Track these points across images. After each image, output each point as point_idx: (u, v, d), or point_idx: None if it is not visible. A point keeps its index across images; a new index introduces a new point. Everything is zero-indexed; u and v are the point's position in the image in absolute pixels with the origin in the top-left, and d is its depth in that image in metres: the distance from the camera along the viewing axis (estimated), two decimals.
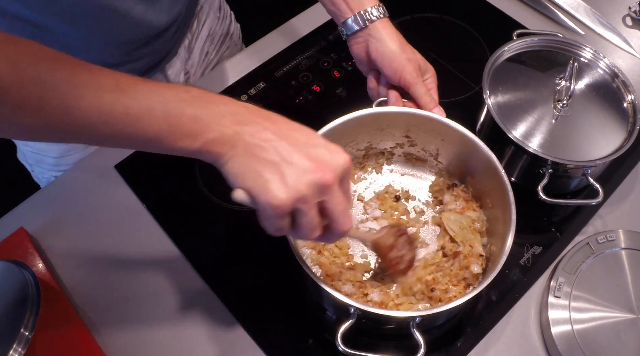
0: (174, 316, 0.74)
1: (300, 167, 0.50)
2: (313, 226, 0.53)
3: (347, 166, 0.53)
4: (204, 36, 1.02)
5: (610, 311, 0.70)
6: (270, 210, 0.50)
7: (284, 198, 0.49)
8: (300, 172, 0.50)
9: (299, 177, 0.50)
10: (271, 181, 0.49)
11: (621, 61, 0.99)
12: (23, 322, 0.64)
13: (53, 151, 0.91)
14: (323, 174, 0.50)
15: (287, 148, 0.51)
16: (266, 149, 0.50)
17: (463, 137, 0.73)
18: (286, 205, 0.50)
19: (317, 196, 0.51)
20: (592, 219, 0.81)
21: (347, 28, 0.78)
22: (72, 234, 0.80)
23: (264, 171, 0.50)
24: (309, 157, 0.51)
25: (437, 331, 0.71)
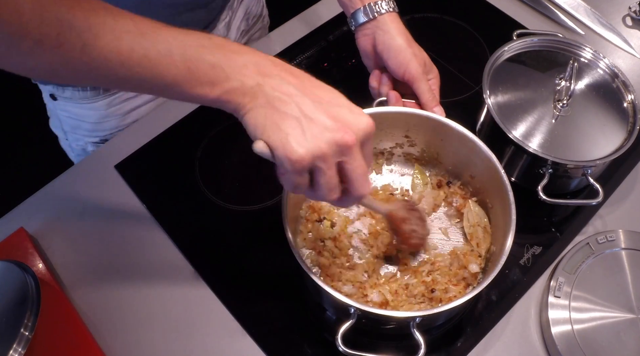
0: (174, 316, 0.74)
1: (321, 124, 0.50)
2: (331, 186, 0.52)
3: (369, 129, 0.52)
4: (241, 15, 1.03)
5: (610, 311, 0.70)
6: (289, 164, 0.49)
7: (303, 153, 0.49)
8: (321, 129, 0.49)
9: (320, 134, 0.49)
10: (291, 135, 0.49)
11: (621, 61, 0.99)
12: (23, 322, 0.64)
13: (91, 116, 0.92)
14: (344, 133, 0.50)
15: (309, 104, 0.50)
16: (288, 103, 0.50)
17: (463, 137, 0.73)
18: (305, 161, 0.49)
19: (336, 155, 0.50)
20: (592, 219, 0.81)
21: (355, 19, 0.78)
22: (72, 234, 0.80)
23: (285, 125, 0.49)
24: (331, 116, 0.50)
25: (437, 331, 0.71)
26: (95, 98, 0.90)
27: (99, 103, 0.91)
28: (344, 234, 0.75)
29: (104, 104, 0.91)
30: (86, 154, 0.99)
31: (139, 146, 0.88)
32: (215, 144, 0.88)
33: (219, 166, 0.86)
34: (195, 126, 0.90)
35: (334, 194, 0.53)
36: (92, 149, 0.97)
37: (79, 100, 0.91)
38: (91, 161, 0.89)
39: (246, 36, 1.09)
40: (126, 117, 0.93)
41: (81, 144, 0.98)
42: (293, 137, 0.49)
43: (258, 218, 0.81)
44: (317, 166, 0.50)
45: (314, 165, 0.50)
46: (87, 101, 0.91)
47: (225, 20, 0.98)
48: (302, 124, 0.49)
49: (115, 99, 0.91)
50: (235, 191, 0.84)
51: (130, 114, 0.93)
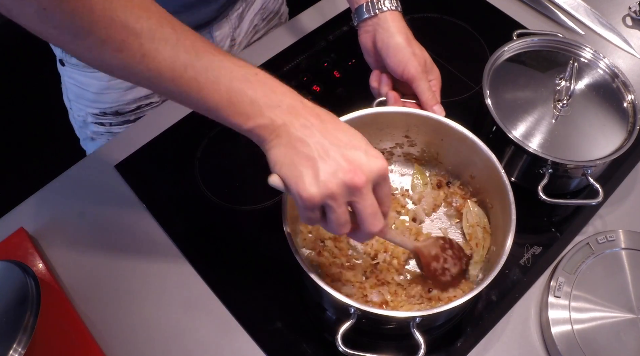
0: (174, 316, 0.74)
1: (334, 165, 0.53)
2: (341, 222, 0.55)
3: (382, 172, 0.55)
4: (256, 8, 1.04)
5: (610, 311, 0.70)
6: (301, 201, 0.53)
7: (314, 192, 0.52)
8: (334, 170, 0.53)
9: (331, 175, 0.53)
10: (305, 174, 0.53)
11: (621, 61, 0.99)
12: (23, 322, 0.64)
13: (93, 85, 0.94)
14: (354, 175, 0.53)
15: (326, 146, 0.54)
16: (307, 144, 0.53)
17: (463, 137, 0.73)
18: (315, 199, 0.53)
19: (346, 195, 0.54)
20: (592, 219, 0.81)
21: (358, 15, 0.79)
22: (72, 234, 0.80)
23: (300, 164, 0.53)
24: (345, 158, 0.54)
25: (437, 331, 0.71)
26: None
27: (102, 74, 0.91)
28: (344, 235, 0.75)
29: (107, 76, 0.92)
30: (86, 126, 1.01)
31: (139, 146, 0.88)
32: (215, 144, 0.88)
33: (219, 166, 0.86)
34: (195, 126, 0.90)
35: (344, 229, 0.56)
36: (92, 121, 0.99)
37: (83, 68, 0.92)
38: (91, 161, 0.89)
39: (261, 31, 1.09)
40: (127, 93, 0.95)
41: (82, 115, 0.99)
42: (306, 177, 0.53)
43: (258, 218, 0.81)
44: (327, 204, 0.54)
45: (325, 203, 0.54)
46: (91, 70, 0.92)
47: (238, 10, 0.99)
48: (316, 164, 0.53)
49: None
50: (235, 191, 0.84)
51: (131, 91, 0.95)
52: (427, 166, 0.82)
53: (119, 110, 0.97)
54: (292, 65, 0.97)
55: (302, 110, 0.55)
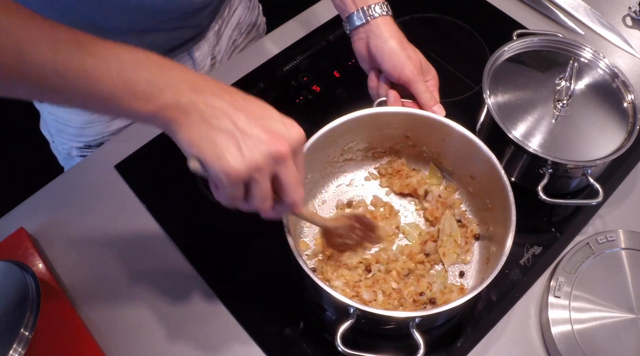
0: (174, 315, 0.74)
1: (255, 138, 0.51)
2: (265, 196, 0.54)
3: (301, 139, 0.55)
4: (234, 24, 1.03)
5: (610, 311, 0.70)
6: (226, 179, 0.51)
7: (239, 166, 0.50)
8: (256, 142, 0.51)
9: (255, 147, 0.51)
10: (226, 149, 0.50)
11: (621, 60, 0.99)
12: (23, 322, 0.64)
13: (75, 121, 0.92)
14: (278, 145, 0.52)
15: (242, 119, 0.52)
16: (221, 118, 0.51)
17: (463, 137, 0.73)
18: (241, 174, 0.51)
19: (271, 166, 0.52)
20: (592, 219, 0.81)
21: (350, 23, 0.79)
22: (72, 234, 0.80)
23: (220, 140, 0.50)
24: (265, 129, 0.52)
25: (437, 331, 0.71)
26: None
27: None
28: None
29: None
30: (71, 159, 0.99)
31: (139, 146, 0.88)
32: None
33: None
34: None
35: (266, 203, 0.55)
36: (77, 154, 0.97)
37: None
38: (91, 161, 0.89)
39: (241, 46, 1.09)
40: (111, 124, 0.93)
41: (66, 148, 0.98)
42: (229, 152, 0.50)
43: (258, 218, 0.81)
44: (253, 178, 0.52)
45: (250, 177, 0.52)
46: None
47: (214, 29, 0.98)
48: (236, 138, 0.51)
49: None
50: None
51: (114, 122, 0.93)
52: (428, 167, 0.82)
53: (104, 141, 0.94)
54: (292, 65, 0.97)
55: (206, 86, 0.53)
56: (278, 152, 0.52)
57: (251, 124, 0.52)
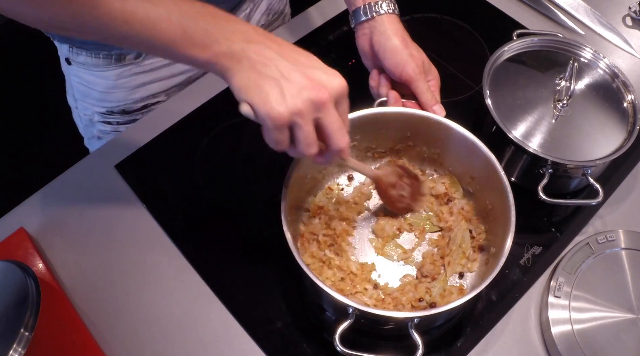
0: (173, 315, 0.74)
1: (298, 84, 0.55)
2: (310, 141, 0.57)
3: (342, 88, 0.58)
4: (263, 9, 1.05)
5: (610, 311, 0.70)
6: (270, 121, 0.54)
7: (282, 110, 0.54)
8: (298, 88, 0.54)
9: (297, 93, 0.54)
10: (271, 95, 0.54)
11: (621, 60, 0.99)
12: (23, 322, 0.64)
13: (100, 84, 0.95)
14: (318, 91, 0.55)
15: (287, 67, 0.55)
16: (268, 66, 0.55)
17: (462, 137, 0.73)
18: (283, 117, 0.54)
19: (312, 111, 0.55)
20: (592, 219, 0.81)
21: (355, 17, 0.80)
22: (72, 234, 0.80)
23: (265, 86, 0.54)
24: (307, 77, 0.55)
25: (437, 331, 0.71)
26: (106, 67, 0.92)
27: (109, 72, 0.92)
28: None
29: (114, 75, 0.92)
30: (92, 125, 1.01)
31: (139, 146, 0.88)
32: (215, 144, 0.88)
33: (219, 166, 0.86)
34: (195, 126, 0.90)
35: (312, 149, 0.58)
36: (99, 120, 0.99)
37: (90, 67, 0.92)
38: (91, 161, 0.89)
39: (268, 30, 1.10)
40: (134, 91, 0.95)
41: (89, 114, 1.00)
42: (273, 97, 0.54)
43: (258, 218, 0.81)
44: (295, 122, 0.55)
45: (293, 121, 0.55)
46: (98, 69, 0.92)
47: (245, 11, 1.00)
48: (280, 84, 0.54)
49: (125, 71, 0.92)
50: (236, 191, 0.84)
51: (138, 90, 0.95)
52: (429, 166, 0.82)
53: (126, 109, 0.97)
54: None
55: (257, 36, 0.57)
56: (318, 98, 0.55)
57: (295, 71, 0.55)
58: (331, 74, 0.57)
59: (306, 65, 0.57)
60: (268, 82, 0.54)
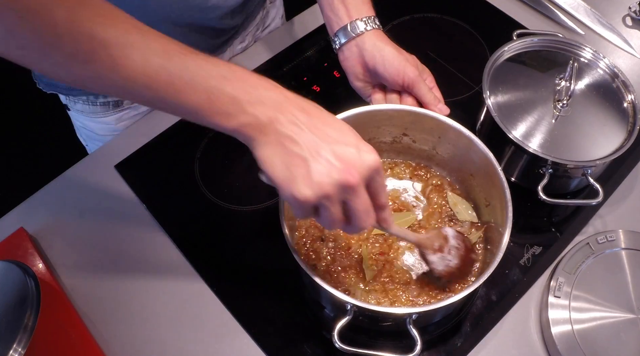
0: (174, 315, 0.74)
1: (327, 165, 0.51)
2: (334, 220, 0.55)
3: (375, 165, 0.54)
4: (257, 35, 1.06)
5: (610, 311, 0.70)
6: (294, 202, 0.53)
7: (308, 195, 0.51)
8: (327, 170, 0.51)
9: (325, 176, 0.51)
10: (297, 176, 0.51)
11: (621, 61, 0.99)
12: (23, 322, 0.64)
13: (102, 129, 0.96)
14: (348, 174, 0.52)
15: (317, 143, 0.52)
16: (297, 142, 0.52)
17: (460, 134, 0.73)
18: (309, 201, 0.52)
19: (340, 195, 0.53)
20: (592, 219, 0.81)
21: (340, 36, 0.77)
22: (72, 234, 0.81)
23: (292, 165, 0.52)
24: (337, 156, 0.52)
25: (437, 330, 0.71)
26: (104, 113, 0.92)
27: (108, 118, 0.92)
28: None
29: (114, 119, 0.93)
30: None
31: (139, 146, 0.88)
32: (215, 144, 0.88)
33: (219, 166, 0.86)
34: (195, 126, 0.89)
35: (337, 226, 0.56)
36: None
37: (89, 114, 0.92)
38: (91, 161, 0.89)
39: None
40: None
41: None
42: (299, 178, 0.51)
43: (257, 217, 0.81)
44: (321, 204, 0.53)
45: (319, 203, 0.53)
46: (97, 116, 0.92)
47: (243, 43, 1.00)
48: (308, 164, 0.51)
49: (124, 115, 0.93)
50: (235, 191, 0.84)
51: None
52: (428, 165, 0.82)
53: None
54: (292, 65, 0.97)
55: (287, 105, 0.54)
56: (347, 182, 0.52)
57: (324, 150, 0.52)
58: (364, 150, 0.54)
59: (337, 141, 0.53)
60: (294, 160, 0.51)
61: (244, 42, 1.01)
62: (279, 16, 1.10)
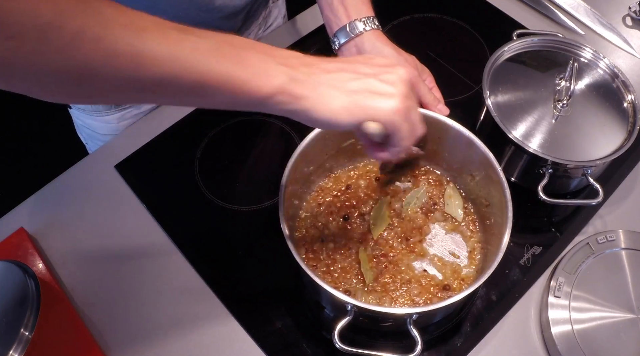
0: (174, 315, 0.74)
1: (385, 74, 0.52)
2: (420, 119, 0.55)
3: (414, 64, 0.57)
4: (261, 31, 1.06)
5: (610, 311, 0.70)
6: (398, 116, 0.51)
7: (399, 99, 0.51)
8: (388, 77, 0.52)
9: (391, 81, 0.51)
10: (380, 93, 0.51)
11: (621, 61, 0.99)
12: (23, 322, 0.64)
13: (103, 128, 0.95)
14: (404, 68, 0.53)
15: (363, 68, 0.52)
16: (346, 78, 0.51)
17: (460, 134, 0.73)
18: (400, 108, 0.51)
19: (411, 88, 0.53)
20: (592, 219, 0.81)
21: (340, 36, 0.77)
22: (72, 234, 0.81)
23: (365, 91, 0.50)
24: (383, 65, 0.53)
25: (437, 330, 0.71)
26: (106, 111, 0.92)
27: (110, 117, 0.92)
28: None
29: (115, 118, 0.92)
30: None
31: (139, 146, 0.88)
32: (215, 144, 0.88)
33: (219, 166, 0.86)
34: (195, 126, 0.90)
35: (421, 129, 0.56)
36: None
37: (91, 112, 0.92)
38: (91, 161, 0.89)
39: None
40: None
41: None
42: (384, 94, 0.51)
43: (257, 218, 0.81)
44: (409, 105, 0.53)
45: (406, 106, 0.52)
46: (99, 114, 0.92)
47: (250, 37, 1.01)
48: (373, 82, 0.51)
49: (126, 114, 0.92)
50: (235, 191, 0.84)
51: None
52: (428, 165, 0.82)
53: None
54: None
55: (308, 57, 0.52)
56: (407, 72, 0.53)
57: (372, 66, 0.52)
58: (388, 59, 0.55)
59: (370, 60, 0.54)
60: (365, 85, 0.50)
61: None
62: (282, 15, 1.10)
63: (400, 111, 0.51)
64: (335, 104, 0.50)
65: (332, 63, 0.53)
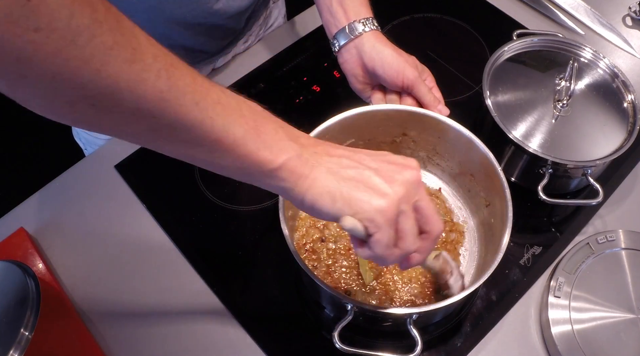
0: (173, 315, 0.74)
1: (388, 170, 0.50)
2: (415, 230, 0.51)
3: (419, 168, 0.52)
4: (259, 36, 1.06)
5: (610, 311, 0.70)
6: (381, 217, 0.47)
7: (390, 199, 0.48)
8: (391, 174, 0.49)
9: (392, 179, 0.49)
10: (372, 187, 0.48)
11: (621, 61, 0.99)
12: (23, 322, 0.64)
13: (102, 136, 0.94)
14: (411, 170, 0.50)
15: (365, 158, 0.50)
16: (348, 165, 0.49)
17: (460, 134, 0.73)
18: (392, 208, 0.48)
19: (413, 194, 0.50)
20: (592, 219, 0.81)
21: (339, 38, 0.77)
22: (72, 234, 0.81)
23: (361, 182, 0.48)
24: (390, 162, 0.51)
25: (437, 330, 0.71)
26: None
27: None
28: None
29: None
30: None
31: (139, 146, 0.88)
32: None
33: None
34: None
35: (417, 242, 0.52)
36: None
37: None
38: (91, 161, 0.89)
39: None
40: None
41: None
42: (376, 188, 0.48)
43: (257, 218, 0.81)
44: (401, 211, 0.49)
45: (399, 210, 0.49)
46: None
47: (245, 44, 1.00)
48: (373, 176, 0.49)
49: None
50: (235, 191, 0.84)
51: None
52: (428, 165, 0.82)
53: None
54: (292, 65, 0.97)
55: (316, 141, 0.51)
56: (414, 177, 0.50)
57: (377, 161, 0.50)
58: (402, 156, 0.52)
59: (378, 154, 0.52)
60: (361, 176, 0.48)
61: (247, 42, 1.02)
62: (282, 16, 1.10)
63: (386, 212, 0.47)
64: (322, 188, 0.48)
65: (340, 149, 0.51)
